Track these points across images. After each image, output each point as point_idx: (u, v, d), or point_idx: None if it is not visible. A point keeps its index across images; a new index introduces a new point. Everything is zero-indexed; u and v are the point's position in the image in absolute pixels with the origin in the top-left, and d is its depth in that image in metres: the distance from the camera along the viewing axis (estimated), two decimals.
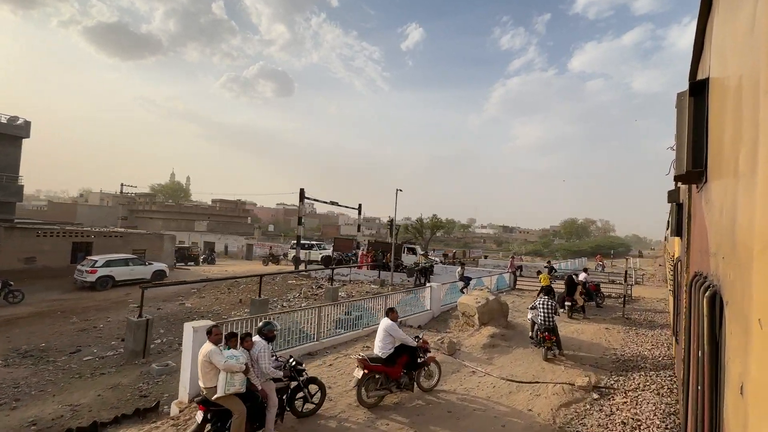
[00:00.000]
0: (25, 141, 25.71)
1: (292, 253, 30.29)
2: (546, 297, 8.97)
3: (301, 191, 28.72)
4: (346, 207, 35.95)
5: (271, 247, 39.09)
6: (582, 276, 15.10)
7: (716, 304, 1.85)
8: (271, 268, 28.82)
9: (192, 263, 32.40)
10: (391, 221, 31.39)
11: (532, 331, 8.97)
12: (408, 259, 25.09)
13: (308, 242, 35.41)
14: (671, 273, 10.96)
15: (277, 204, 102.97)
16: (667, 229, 13.53)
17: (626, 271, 19.22)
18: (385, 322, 6.33)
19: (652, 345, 9.91)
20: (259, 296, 14.51)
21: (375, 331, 6.79)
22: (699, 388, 2.14)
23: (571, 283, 13.12)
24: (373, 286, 19.87)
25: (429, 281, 17.78)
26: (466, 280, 15.85)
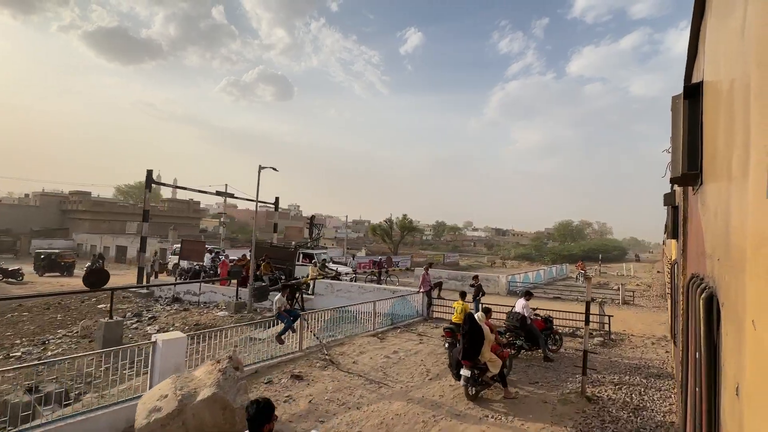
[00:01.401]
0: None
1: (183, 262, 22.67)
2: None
3: (149, 174, 19.49)
4: (242, 198, 22.21)
5: (156, 253, 28.94)
6: (520, 305, 8.99)
7: (712, 306, 1.86)
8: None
9: (58, 273, 28.06)
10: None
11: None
12: (308, 271, 18.14)
13: (214, 247, 26.54)
14: (669, 276, 11.01)
15: (261, 205, 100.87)
16: (665, 232, 13.57)
17: (601, 302, 12.66)
18: None
19: None
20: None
21: None
22: (697, 389, 2.14)
23: (472, 332, 6.46)
24: (220, 313, 14.54)
25: (302, 306, 13.10)
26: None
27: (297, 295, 13.85)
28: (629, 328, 12.49)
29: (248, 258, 17.37)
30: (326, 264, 20.20)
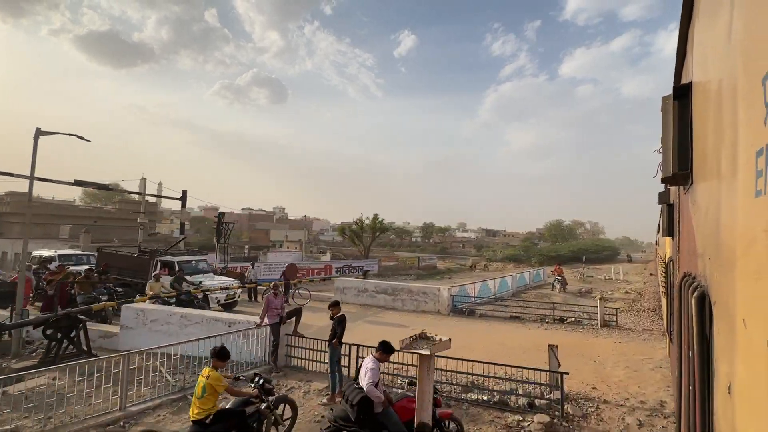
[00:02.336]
0: None
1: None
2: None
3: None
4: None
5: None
6: (366, 368, 4.53)
7: (705, 305, 1.87)
8: None
9: None
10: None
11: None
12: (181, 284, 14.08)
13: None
14: (663, 275, 11.06)
15: (243, 209, 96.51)
16: (658, 231, 13.67)
17: (551, 347, 6.76)
18: None
19: None
20: None
21: None
22: (690, 387, 2.16)
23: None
24: None
25: (87, 349, 8.56)
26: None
27: (74, 333, 8.55)
28: (603, 380, 7.67)
29: (68, 269, 13.51)
30: (182, 277, 14.50)
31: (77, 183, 15.22)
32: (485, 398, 6.62)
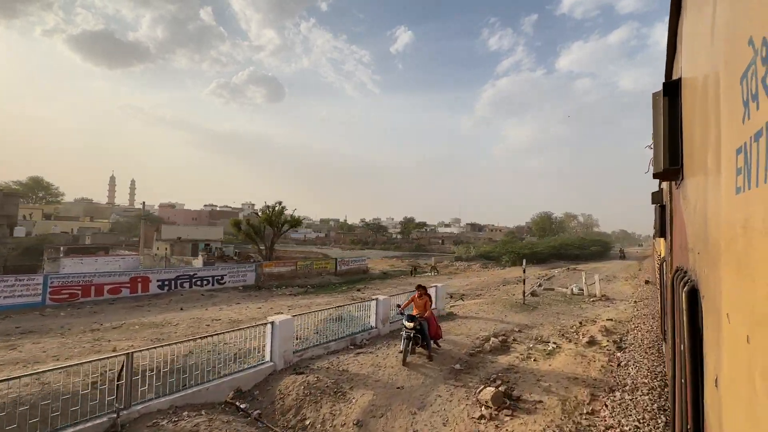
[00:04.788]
0: None
1: None
2: None
3: None
4: None
5: None
6: None
7: (694, 299, 1.89)
8: None
9: None
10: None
11: None
12: None
13: None
14: (658, 272, 11.14)
15: (205, 205, 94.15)
16: (655, 228, 13.72)
17: None
18: None
19: None
20: None
21: None
22: (682, 381, 2.18)
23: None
24: None
25: None
26: None
27: None
28: None
29: None
30: None
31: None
32: None
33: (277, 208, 34.52)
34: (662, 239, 7.30)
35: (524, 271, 15.03)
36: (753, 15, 0.86)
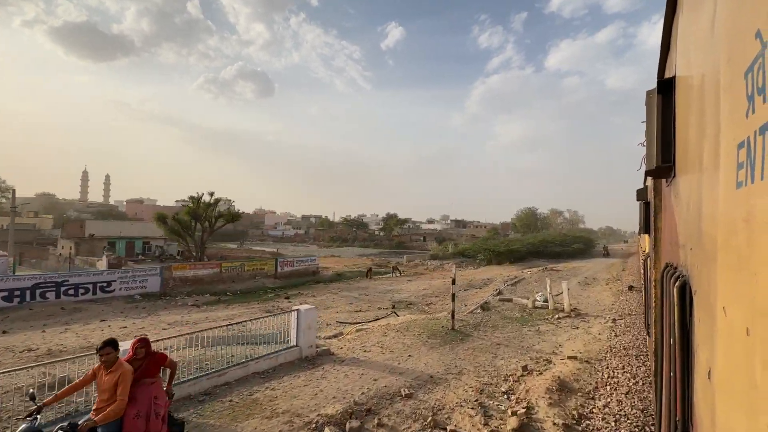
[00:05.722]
0: None
1: None
2: None
3: None
4: None
5: None
6: None
7: (685, 294, 1.93)
8: None
9: None
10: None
11: None
12: None
13: None
14: (642, 269, 11.34)
15: (176, 201, 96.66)
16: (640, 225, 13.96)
17: None
18: None
19: None
20: None
21: None
22: (672, 374, 2.22)
23: None
24: None
25: None
26: None
27: None
28: None
29: None
30: None
31: None
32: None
33: (205, 200, 29.02)
34: (646, 235, 7.44)
35: (453, 282, 10.62)
36: (760, 8, 0.86)
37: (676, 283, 2.03)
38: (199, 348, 7.88)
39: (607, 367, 7.42)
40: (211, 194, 29.37)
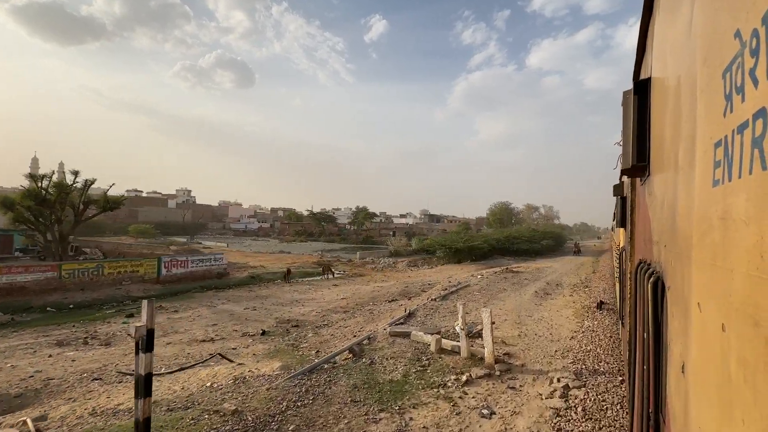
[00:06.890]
0: None
1: None
2: None
3: None
4: None
5: None
6: None
7: (659, 289, 1.98)
8: None
9: None
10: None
11: None
12: None
13: None
14: (617, 262, 11.69)
15: (127, 191, 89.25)
16: (614, 220, 14.43)
17: None
18: None
19: None
20: None
21: None
22: (645, 368, 2.29)
23: None
24: None
25: None
26: None
27: None
28: None
29: None
30: None
31: None
32: None
33: (55, 178, 21.69)
34: (622, 229, 7.67)
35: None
36: (739, 7, 0.87)
37: (650, 279, 2.09)
38: None
39: (580, 353, 4.85)
40: (76, 173, 22.58)
